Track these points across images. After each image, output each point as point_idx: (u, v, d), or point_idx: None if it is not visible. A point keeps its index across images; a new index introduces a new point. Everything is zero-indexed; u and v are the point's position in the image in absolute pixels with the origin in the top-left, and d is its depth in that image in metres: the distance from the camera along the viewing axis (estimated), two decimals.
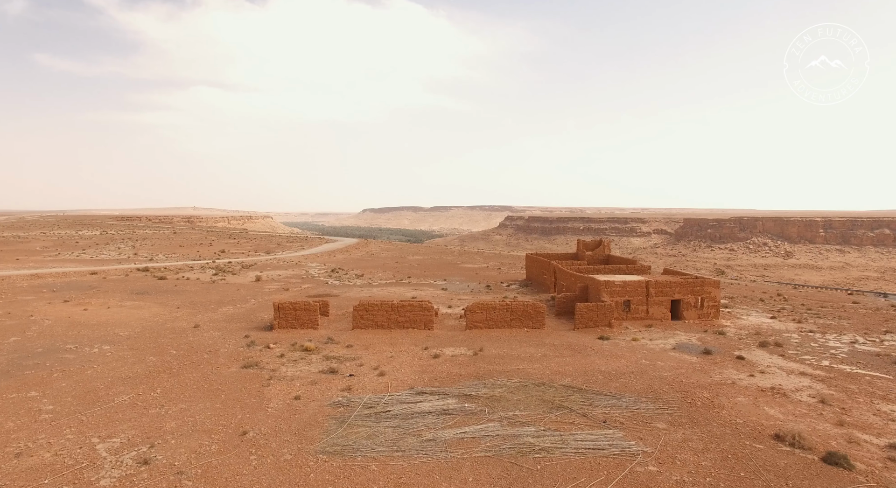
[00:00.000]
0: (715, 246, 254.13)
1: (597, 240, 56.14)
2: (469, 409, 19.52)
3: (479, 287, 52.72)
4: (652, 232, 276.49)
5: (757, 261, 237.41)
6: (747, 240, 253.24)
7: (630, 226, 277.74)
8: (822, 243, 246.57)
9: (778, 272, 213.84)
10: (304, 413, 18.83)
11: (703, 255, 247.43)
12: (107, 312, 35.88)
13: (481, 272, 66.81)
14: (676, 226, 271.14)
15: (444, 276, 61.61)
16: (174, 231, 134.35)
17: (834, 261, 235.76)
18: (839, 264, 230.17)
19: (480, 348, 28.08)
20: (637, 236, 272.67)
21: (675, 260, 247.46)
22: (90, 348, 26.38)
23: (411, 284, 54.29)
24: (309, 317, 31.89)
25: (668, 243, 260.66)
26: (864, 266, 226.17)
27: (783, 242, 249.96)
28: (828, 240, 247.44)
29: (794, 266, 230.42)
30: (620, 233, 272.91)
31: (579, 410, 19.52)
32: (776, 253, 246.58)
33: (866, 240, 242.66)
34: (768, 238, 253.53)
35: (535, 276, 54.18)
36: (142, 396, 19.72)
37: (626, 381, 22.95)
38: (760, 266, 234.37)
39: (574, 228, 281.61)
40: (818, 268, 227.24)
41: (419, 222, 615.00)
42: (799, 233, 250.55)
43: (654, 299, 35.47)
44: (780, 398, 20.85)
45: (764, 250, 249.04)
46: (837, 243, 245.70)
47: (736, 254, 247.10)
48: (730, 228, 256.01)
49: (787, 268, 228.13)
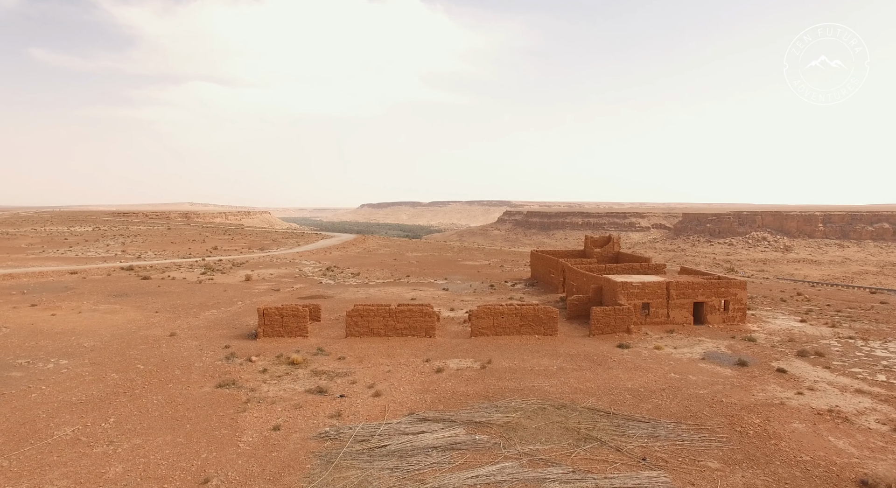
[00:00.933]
0: (714, 240, 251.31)
1: (605, 236, 52.83)
2: (481, 443, 16.26)
3: (483, 286, 49.43)
4: (651, 226, 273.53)
5: (756, 256, 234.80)
6: (746, 234, 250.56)
7: (629, 221, 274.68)
8: (822, 237, 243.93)
9: (777, 267, 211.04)
10: (284, 449, 15.56)
11: (703, 250, 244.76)
12: (76, 318, 32.48)
13: (483, 270, 63.49)
14: (675, 221, 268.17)
15: (445, 275, 58.29)
16: (168, 227, 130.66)
17: (833, 255, 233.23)
18: (838, 258, 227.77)
19: (488, 360, 24.83)
20: (636, 231, 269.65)
21: (674, 254, 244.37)
22: (44, 363, 23.01)
23: (410, 284, 50.97)
24: (297, 324, 28.57)
25: (667, 238, 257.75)
26: (864, 260, 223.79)
27: (782, 237, 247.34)
28: (827, 234, 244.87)
29: (793, 260, 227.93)
30: (619, 227, 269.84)
31: (611, 443, 16.29)
32: (775, 247, 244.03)
33: (865, 234, 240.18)
34: (767, 232, 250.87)
35: (541, 275, 50.89)
36: (89, 428, 16.40)
37: (658, 402, 19.73)
38: (760, 260, 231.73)
39: (573, 223, 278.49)
40: (817, 263, 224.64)
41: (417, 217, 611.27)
42: (798, 227, 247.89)
43: (675, 302, 32.25)
44: (844, 424, 17.64)
45: (763, 245, 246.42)
46: (837, 237, 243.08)
47: (735, 248, 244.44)
48: (729, 223, 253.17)
49: (787, 262, 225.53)
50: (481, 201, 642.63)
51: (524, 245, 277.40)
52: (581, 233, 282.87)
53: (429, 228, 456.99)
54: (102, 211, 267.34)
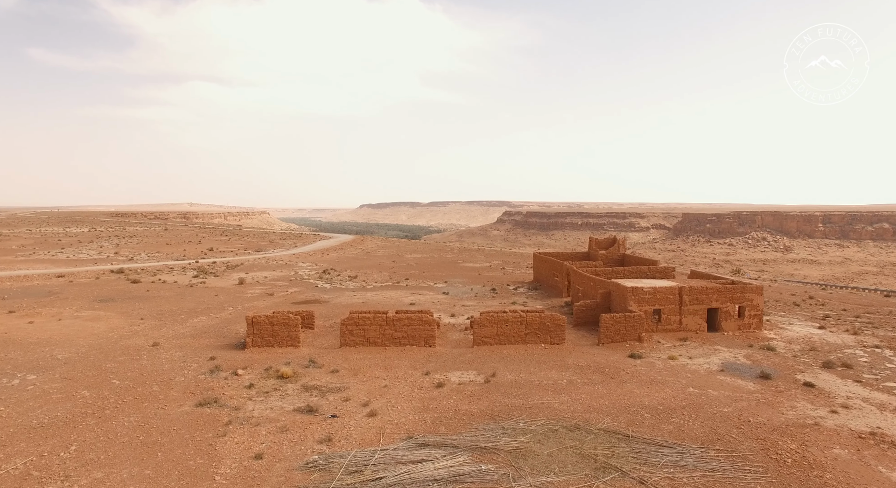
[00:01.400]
0: (714, 240, 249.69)
1: (610, 237, 50.93)
2: (487, 474, 14.39)
3: (484, 290, 47.55)
4: (650, 227, 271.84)
5: (756, 256, 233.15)
6: (746, 234, 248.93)
7: (629, 221, 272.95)
8: (822, 238, 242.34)
9: (777, 267, 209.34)
10: (265, 483, 13.68)
11: (702, 250, 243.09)
12: (54, 326, 30.55)
13: (484, 272, 61.61)
14: (675, 221, 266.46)
15: (445, 277, 56.40)
16: (165, 228, 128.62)
17: (833, 255, 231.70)
18: (838, 259, 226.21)
19: (493, 372, 22.97)
20: (635, 231, 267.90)
21: (673, 255, 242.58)
22: (9, 379, 21.08)
23: (409, 287, 49.07)
24: (288, 334, 26.68)
25: (667, 238, 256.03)
26: (864, 260, 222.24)
27: (782, 237, 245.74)
28: (827, 234, 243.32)
29: (793, 260, 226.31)
30: (619, 227, 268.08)
31: (633, 473, 14.43)
32: (775, 247, 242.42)
33: (865, 234, 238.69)
34: (767, 232, 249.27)
35: (544, 278, 49.01)
36: (46, 458, 14.49)
37: (680, 422, 17.88)
38: (760, 261, 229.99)
39: (573, 223, 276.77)
40: (817, 263, 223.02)
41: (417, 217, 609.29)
42: (798, 227, 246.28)
43: (688, 308, 30.39)
44: (892, 451, 15.79)
45: (763, 245, 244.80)
46: (836, 238, 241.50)
47: (735, 248, 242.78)
48: (728, 223, 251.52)
49: (787, 262, 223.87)
50: (480, 201, 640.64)
51: (523, 245, 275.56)
52: (581, 233, 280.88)
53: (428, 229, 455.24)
54: (101, 211, 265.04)
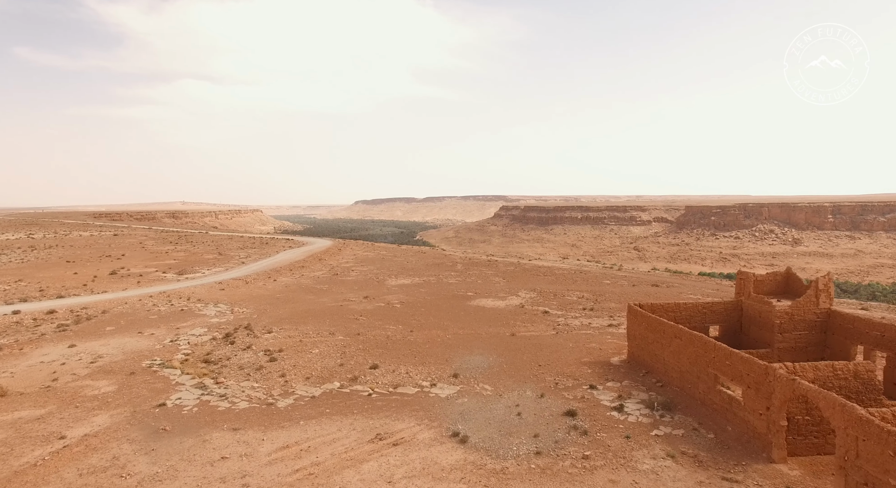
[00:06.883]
0: (719, 234, 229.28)
1: (778, 271, 25.80)
2: None
3: (542, 407, 19.98)
4: (652, 220, 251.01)
5: (764, 250, 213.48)
6: (753, 227, 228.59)
7: (630, 215, 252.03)
8: (832, 229, 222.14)
9: (787, 260, 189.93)
10: None
11: (708, 244, 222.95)
12: None
13: (518, 324, 33.91)
14: (678, 214, 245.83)
15: (449, 351, 27.80)
16: (114, 233, 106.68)
17: (845, 247, 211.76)
18: (851, 251, 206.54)
19: None
20: (637, 225, 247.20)
21: (678, 249, 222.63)
22: None
23: (373, 408, 20.26)
24: None
25: (670, 232, 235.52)
26: (878, 252, 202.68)
27: (790, 229, 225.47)
28: (837, 226, 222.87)
29: (803, 254, 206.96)
30: (620, 221, 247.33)
31: None
32: (784, 240, 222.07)
33: (877, 225, 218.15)
34: (775, 225, 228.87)
35: (652, 356, 23.32)
36: None
37: None
38: (768, 254, 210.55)
39: (572, 218, 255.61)
40: (829, 256, 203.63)
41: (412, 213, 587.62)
42: (807, 219, 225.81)
43: None
44: None
45: (771, 237, 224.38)
46: (847, 229, 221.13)
47: (742, 242, 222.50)
48: (734, 215, 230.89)
49: (797, 256, 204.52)
50: (476, 196, 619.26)
51: (522, 240, 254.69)
52: (581, 227, 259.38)
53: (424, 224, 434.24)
54: (87, 212, 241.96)
